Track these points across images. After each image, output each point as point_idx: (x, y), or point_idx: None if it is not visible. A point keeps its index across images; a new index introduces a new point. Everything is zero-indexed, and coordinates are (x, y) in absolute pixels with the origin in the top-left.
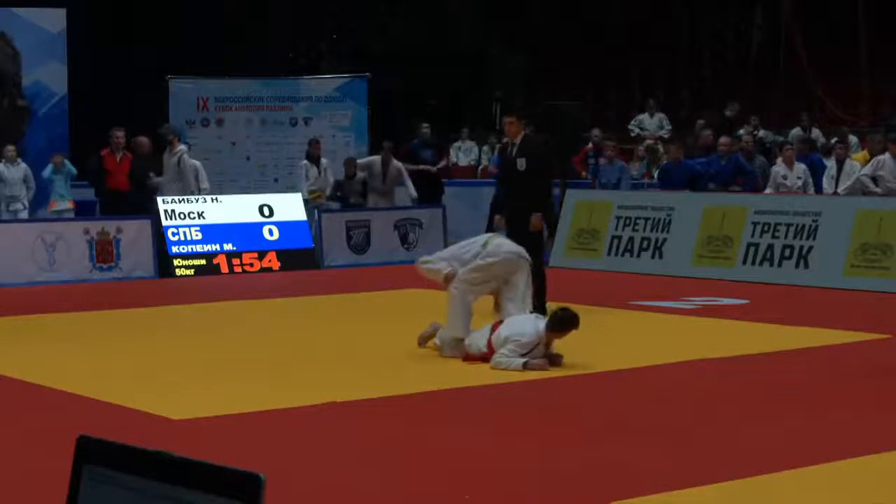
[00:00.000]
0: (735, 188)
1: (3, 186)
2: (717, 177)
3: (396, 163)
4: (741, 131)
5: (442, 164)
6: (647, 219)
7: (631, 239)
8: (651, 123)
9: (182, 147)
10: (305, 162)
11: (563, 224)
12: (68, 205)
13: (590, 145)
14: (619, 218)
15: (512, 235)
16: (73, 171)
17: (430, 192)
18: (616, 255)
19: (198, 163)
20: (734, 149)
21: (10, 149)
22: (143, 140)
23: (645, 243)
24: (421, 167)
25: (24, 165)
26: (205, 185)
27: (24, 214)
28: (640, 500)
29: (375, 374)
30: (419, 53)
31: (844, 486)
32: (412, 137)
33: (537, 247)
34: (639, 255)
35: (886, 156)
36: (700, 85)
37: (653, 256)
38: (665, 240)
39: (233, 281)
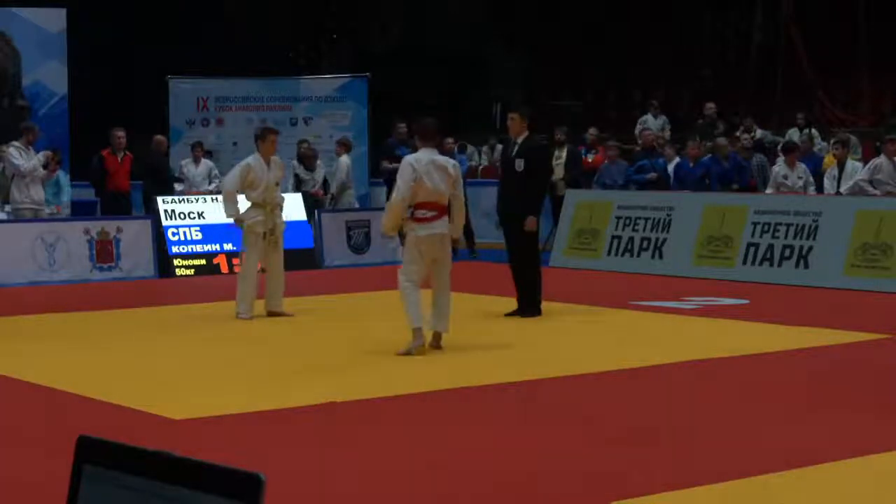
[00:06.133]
0: (735, 187)
1: None
2: (721, 177)
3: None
4: (737, 132)
5: None
6: (647, 219)
7: (631, 239)
8: (655, 124)
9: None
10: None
11: (563, 224)
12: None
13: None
14: (619, 218)
15: (507, 236)
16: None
17: None
18: (616, 255)
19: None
20: (732, 148)
21: None
22: (161, 139)
23: (645, 243)
24: (395, 166)
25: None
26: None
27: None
28: (640, 500)
29: (375, 374)
30: (419, 53)
31: (844, 486)
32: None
33: (533, 248)
34: (639, 255)
35: (882, 158)
36: (700, 84)
37: (653, 256)
38: (665, 240)
39: (233, 281)
